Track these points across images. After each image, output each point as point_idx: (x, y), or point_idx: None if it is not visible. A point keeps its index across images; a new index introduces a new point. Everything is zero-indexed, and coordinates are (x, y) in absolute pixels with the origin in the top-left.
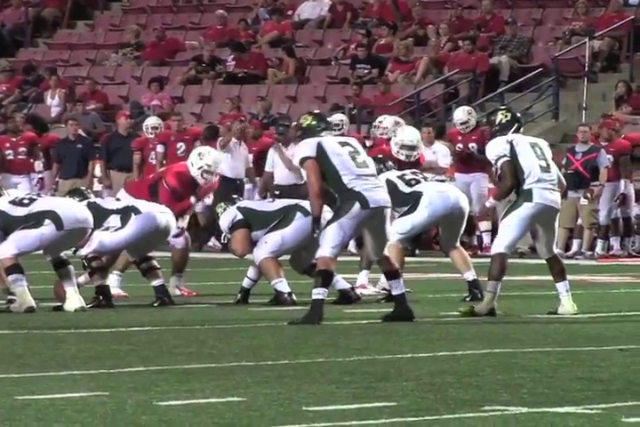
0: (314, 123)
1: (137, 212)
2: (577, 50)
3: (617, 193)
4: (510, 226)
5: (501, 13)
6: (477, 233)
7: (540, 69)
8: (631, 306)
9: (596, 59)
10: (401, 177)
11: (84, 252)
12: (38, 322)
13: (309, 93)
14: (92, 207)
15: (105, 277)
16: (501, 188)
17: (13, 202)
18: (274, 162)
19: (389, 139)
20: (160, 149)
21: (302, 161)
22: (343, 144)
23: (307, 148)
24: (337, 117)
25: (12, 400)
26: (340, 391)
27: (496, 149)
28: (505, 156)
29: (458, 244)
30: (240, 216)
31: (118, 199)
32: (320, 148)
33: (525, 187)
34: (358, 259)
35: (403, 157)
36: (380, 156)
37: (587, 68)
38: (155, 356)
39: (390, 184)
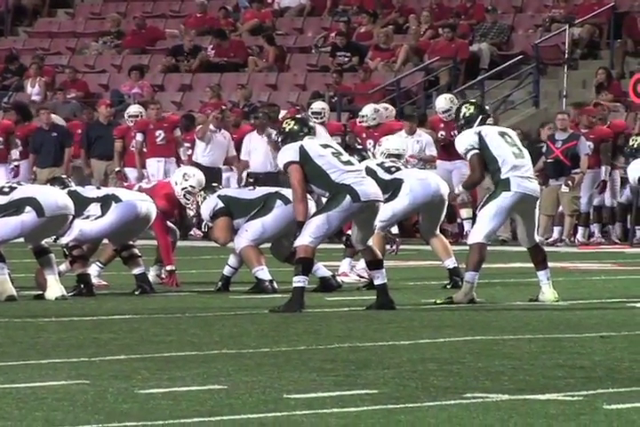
0: (296, 127)
1: (117, 200)
2: (557, 37)
3: (598, 180)
4: (489, 215)
5: (481, 1)
6: (458, 221)
7: (521, 57)
8: (612, 293)
9: (576, 46)
10: (380, 164)
11: (64, 240)
12: (19, 310)
13: (290, 81)
14: (73, 196)
15: (86, 265)
16: (470, 179)
17: None
18: (249, 150)
19: (369, 127)
20: (139, 137)
21: (286, 166)
22: (325, 146)
23: (289, 152)
24: (318, 106)
25: None
26: (321, 379)
27: (465, 142)
28: (474, 148)
29: (438, 231)
30: (221, 204)
31: (99, 188)
32: (303, 151)
33: (502, 176)
34: (342, 246)
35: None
36: (358, 146)
37: (567, 56)
38: (136, 344)
39: (370, 171)
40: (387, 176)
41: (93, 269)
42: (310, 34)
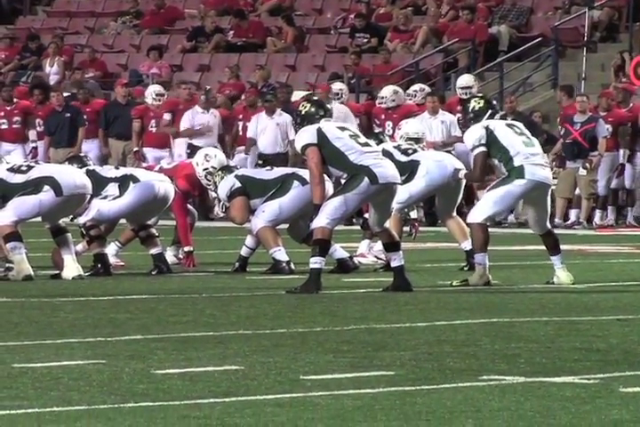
0: (312, 110)
1: (135, 180)
2: (576, 20)
3: (616, 163)
4: (494, 198)
5: None
6: (476, 202)
7: (540, 39)
8: (629, 276)
9: (595, 29)
10: (397, 147)
11: (82, 220)
12: (36, 290)
13: (308, 62)
14: (91, 175)
15: (103, 245)
16: (469, 176)
17: (12, 169)
18: (257, 130)
19: (388, 108)
20: (167, 116)
21: (304, 149)
22: (342, 129)
23: (307, 135)
24: (337, 86)
25: (10, 368)
26: (337, 360)
27: (473, 137)
28: (481, 145)
29: (455, 213)
30: (238, 184)
31: (117, 167)
32: (320, 133)
33: (516, 164)
34: (359, 228)
35: None
36: (376, 130)
37: (586, 38)
38: (152, 324)
39: (387, 154)
40: (403, 158)
41: (111, 249)
42: (329, 15)
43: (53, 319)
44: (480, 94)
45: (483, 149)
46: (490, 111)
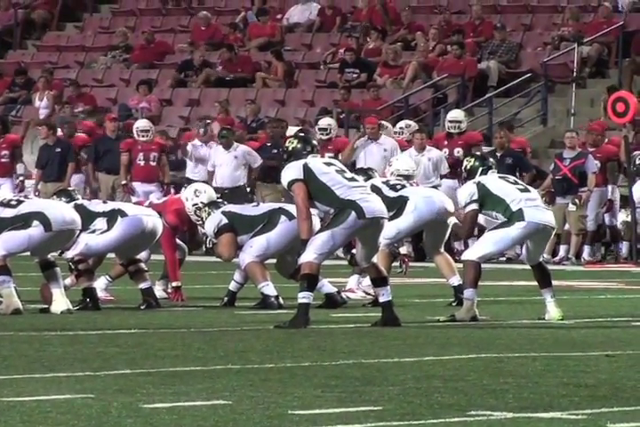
0: (299, 146)
1: (123, 215)
2: (566, 55)
3: (604, 199)
4: (493, 239)
5: (490, 18)
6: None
7: (529, 75)
8: (617, 312)
9: (584, 64)
10: (386, 182)
11: (70, 254)
12: (25, 324)
13: (298, 97)
14: (79, 209)
15: (91, 279)
16: (458, 230)
17: (1, 203)
18: (215, 163)
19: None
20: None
21: (290, 184)
22: (328, 164)
23: (293, 171)
24: (325, 122)
25: None
26: (325, 395)
27: (464, 194)
28: (473, 202)
29: (442, 249)
30: (225, 220)
31: (105, 202)
32: (307, 169)
33: (514, 209)
34: (347, 263)
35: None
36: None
37: (575, 74)
38: (141, 358)
39: (375, 189)
40: (392, 193)
41: (101, 283)
42: (319, 50)
43: (42, 353)
44: (473, 153)
45: (474, 206)
46: (481, 169)
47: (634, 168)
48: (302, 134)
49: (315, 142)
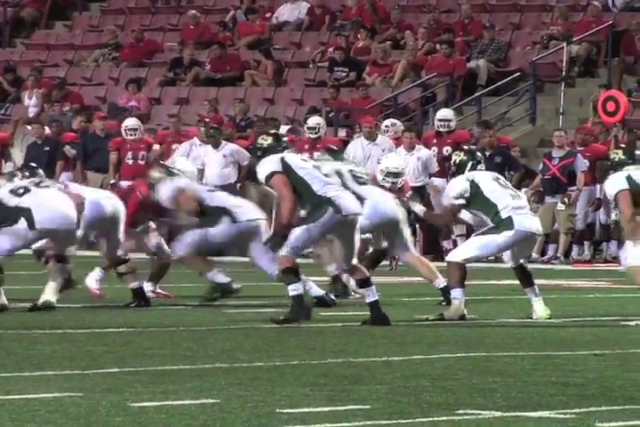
0: (274, 142)
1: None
2: (555, 54)
3: (593, 198)
4: (479, 244)
5: (479, 17)
6: (452, 237)
7: (518, 74)
8: (606, 311)
9: (573, 64)
10: (351, 171)
11: (36, 245)
12: (13, 322)
13: (287, 96)
14: None
15: (137, 278)
16: (434, 218)
17: (11, 191)
18: (204, 162)
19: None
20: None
21: (269, 178)
22: (305, 160)
23: (270, 164)
24: (314, 120)
25: None
26: (313, 394)
27: (456, 189)
28: (462, 198)
29: (414, 251)
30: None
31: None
32: (284, 162)
33: (504, 216)
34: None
35: (388, 185)
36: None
37: (564, 73)
38: (129, 357)
39: (339, 175)
40: (356, 187)
41: (95, 274)
42: (308, 49)
43: (31, 352)
44: (462, 147)
45: (462, 201)
46: (471, 163)
47: (608, 164)
48: (274, 131)
49: (286, 139)
